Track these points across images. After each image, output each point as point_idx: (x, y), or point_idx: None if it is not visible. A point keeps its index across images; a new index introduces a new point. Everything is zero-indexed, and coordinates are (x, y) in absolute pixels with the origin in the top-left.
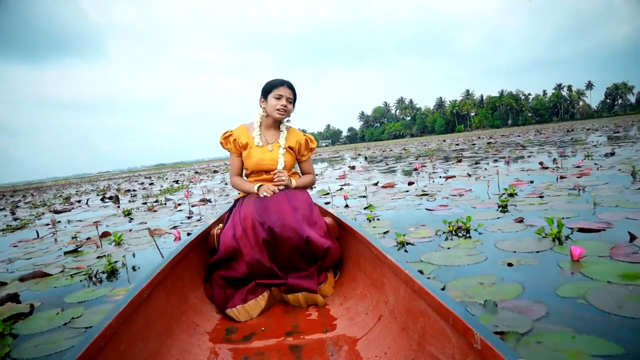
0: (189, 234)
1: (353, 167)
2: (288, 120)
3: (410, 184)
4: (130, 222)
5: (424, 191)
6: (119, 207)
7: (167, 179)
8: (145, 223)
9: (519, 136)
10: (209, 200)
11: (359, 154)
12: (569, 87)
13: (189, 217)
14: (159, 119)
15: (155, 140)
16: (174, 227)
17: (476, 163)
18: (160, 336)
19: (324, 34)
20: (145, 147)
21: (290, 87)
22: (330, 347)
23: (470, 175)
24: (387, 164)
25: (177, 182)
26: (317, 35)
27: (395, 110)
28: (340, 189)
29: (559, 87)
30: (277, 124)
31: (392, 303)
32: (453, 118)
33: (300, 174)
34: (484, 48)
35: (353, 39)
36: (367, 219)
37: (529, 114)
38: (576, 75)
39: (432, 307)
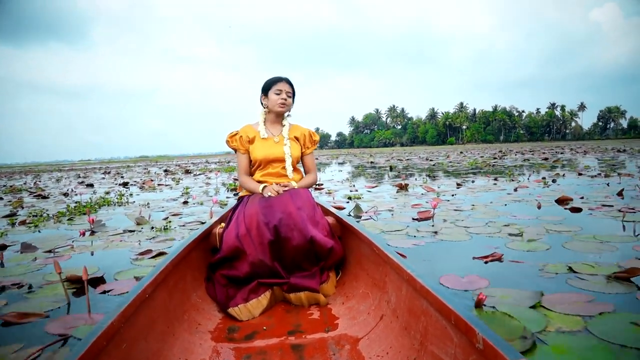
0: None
1: (404, 187)
2: (289, 115)
3: None
4: None
5: None
6: None
7: (122, 177)
8: None
9: (561, 153)
10: (98, 282)
11: (372, 162)
12: (562, 107)
13: None
14: (145, 111)
15: (140, 132)
16: None
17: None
18: (163, 335)
19: (315, 36)
20: (130, 138)
21: (289, 83)
22: (332, 347)
23: None
24: (459, 185)
25: (126, 185)
26: (308, 38)
27: (386, 118)
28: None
29: (553, 106)
30: (279, 119)
31: (394, 302)
32: (445, 130)
33: (303, 171)
34: (476, 62)
35: (345, 44)
36: None
37: (521, 131)
38: (565, 95)
39: (434, 306)
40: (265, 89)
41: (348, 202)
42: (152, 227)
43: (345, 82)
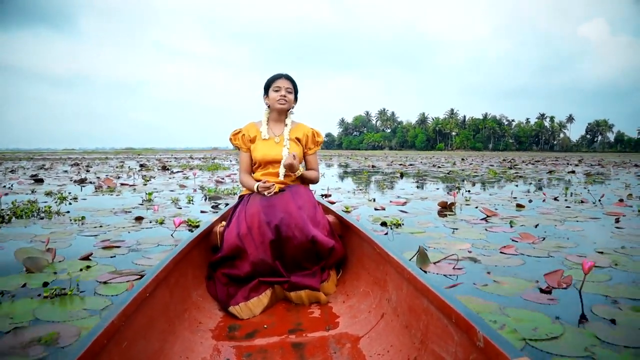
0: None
1: (450, 206)
2: (292, 113)
3: None
4: None
5: None
6: None
7: (88, 171)
8: None
9: (576, 165)
10: None
11: (372, 166)
12: (552, 118)
13: None
14: (133, 103)
15: (128, 124)
16: None
17: None
18: (163, 334)
19: (309, 37)
20: (118, 129)
21: (288, 79)
22: (333, 345)
23: None
24: (520, 206)
25: (82, 182)
26: (302, 38)
27: (376, 121)
28: None
29: (542, 116)
30: (282, 118)
31: (395, 301)
32: (435, 135)
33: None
34: (468, 68)
35: (338, 45)
36: None
37: (510, 140)
38: (554, 107)
39: (435, 305)
40: (266, 88)
41: (386, 233)
42: (46, 285)
43: (336, 83)
